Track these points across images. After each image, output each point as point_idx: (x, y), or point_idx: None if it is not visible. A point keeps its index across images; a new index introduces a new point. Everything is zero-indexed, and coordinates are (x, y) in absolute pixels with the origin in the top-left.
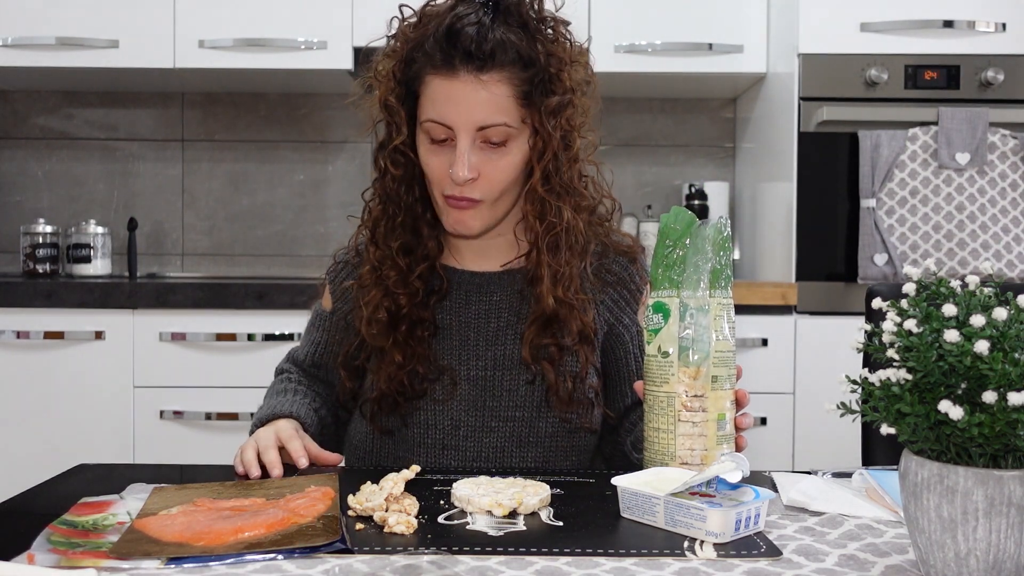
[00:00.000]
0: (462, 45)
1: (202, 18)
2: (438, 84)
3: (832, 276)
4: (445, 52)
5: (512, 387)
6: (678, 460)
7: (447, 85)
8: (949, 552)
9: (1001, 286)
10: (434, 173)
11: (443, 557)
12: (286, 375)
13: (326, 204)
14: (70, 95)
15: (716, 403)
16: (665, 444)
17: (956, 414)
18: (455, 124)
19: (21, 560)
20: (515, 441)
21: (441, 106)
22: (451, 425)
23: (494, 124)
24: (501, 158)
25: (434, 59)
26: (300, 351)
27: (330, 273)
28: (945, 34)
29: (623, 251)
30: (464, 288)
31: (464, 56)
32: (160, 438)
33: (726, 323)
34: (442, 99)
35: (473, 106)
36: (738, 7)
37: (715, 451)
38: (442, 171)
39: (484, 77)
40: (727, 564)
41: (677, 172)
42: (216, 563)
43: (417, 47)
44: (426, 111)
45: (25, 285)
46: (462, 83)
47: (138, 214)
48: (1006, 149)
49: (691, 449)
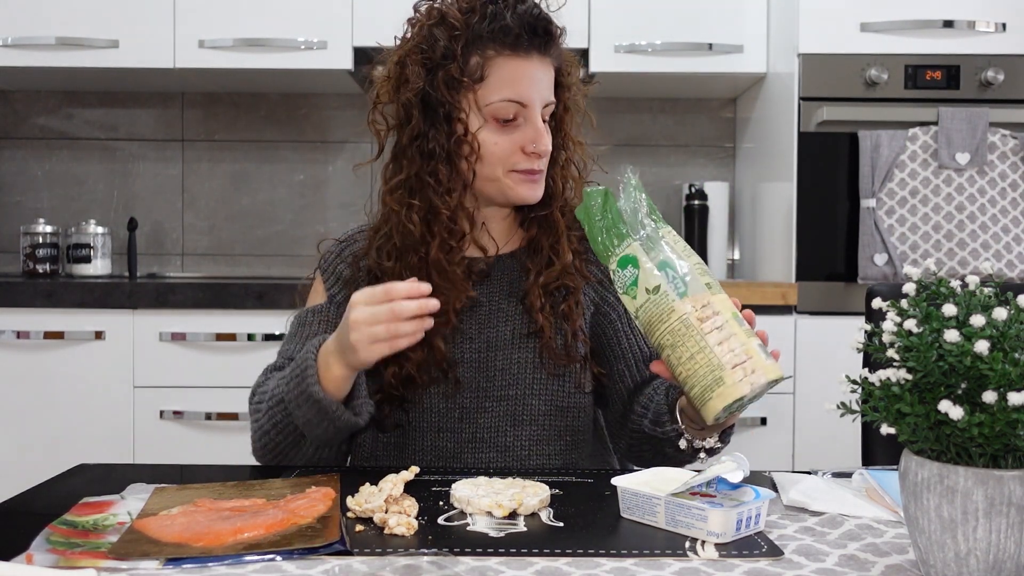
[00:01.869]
0: (541, 28)
1: (202, 18)
2: (516, 65)
3: (832, 276)
4: (523, 34)
5: (504, 366)
6: (729, 367)
7: (524, 65)
8: (949, 552)
9: (1001, 286)
10: (502, 151)
11: (443, 557)
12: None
13: (326, 204)
14: (70, 95)
15: (723, 304)
16: (707, 362)
17: (956, 414)
18: (531, 101)
19: (20, 560)
20: (509, 420)
21: (520, 84)
22: (446, 408)
23: (551, 101)
24: (548, 132)
25: (507, 40)
26: (288, 352)
27: (323, 264)
28: (945, 34)
29: None
30: None
31: (539, 38)
32: (160, 438)
33: (680, 240)
34: (520, 78)
35: (543, 84)
36: (738, 7)
37: (752, 342)
38: (511, 148)
39: (548, 58)
40: (728, 564)
41: (677, 172)
42: (215, 564)
43: (483, 29)
44: (499, 91)
45: (25, 285)
46: (535, 63)
47: (138, 214)
48: (1006, 149)
49: (732, 350)
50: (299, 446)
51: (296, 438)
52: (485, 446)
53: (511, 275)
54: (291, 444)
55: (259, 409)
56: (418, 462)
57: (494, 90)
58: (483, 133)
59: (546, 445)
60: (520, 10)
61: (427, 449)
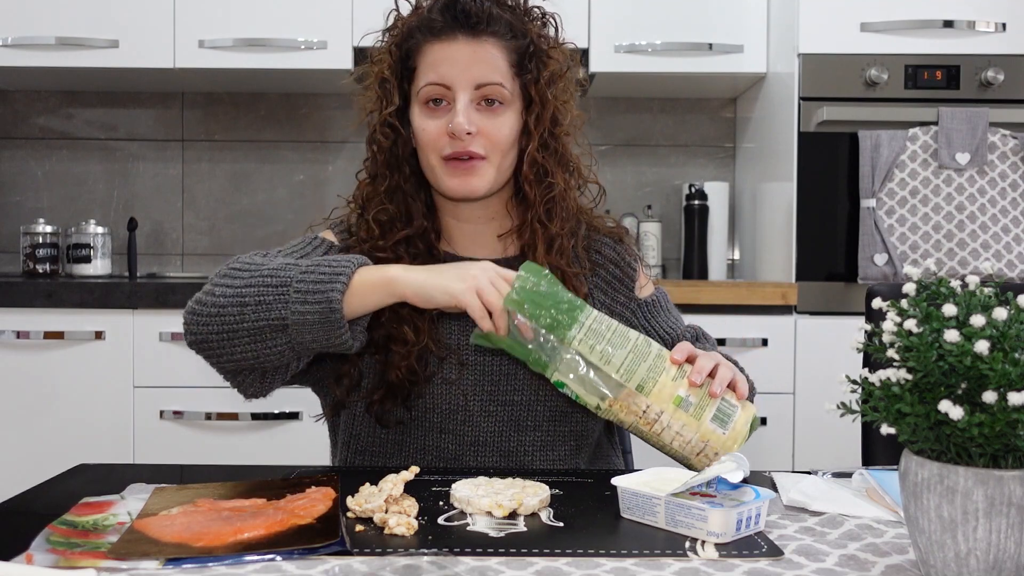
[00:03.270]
0: (461, 10)
1: (202, 18)
2: (437, 49)
3: (832, 276)
4: (444, 19)
5: (510, 371)
6: (693, 456)
7: (446, 47)
8: (949, 552)
9: (1001, 286)
10: (430, 136)
11: (443, 557)
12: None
13: (326, 204)
14: (70, 95)
15: (660, 397)
16: (675, 453)
17: (956, 414)
18: (454, 82)
19: (20, 560)
20: (513, 425)
21: (440, 67)
22: (449, 409)
23: (490, 82)
24: (497, 118)
25: (433, 28)
26: (287, 253)
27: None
28: (945, 34)
29: (609, 233)
30: None
31: (462, 20)
32: (160, 438)
33: (601, 341)
34: (440, 61)
35: (471, 64)
36: (738, 7)
37: (704, 422)
38: (438, 132)
39: (480, 39)
40: (728, 564)
41: (677, 172)
42: (215, 564)
43: (415, 24)
44: (424, 76)
45: (25, 285)
46: (460, 44)
47: (138, 214)
48: (1006, 149)
49: (688, 442)
50: (262, 337)
51: (271, 326)
52: (488, 450)
53: None
54: (256, 330)
55: (235, 276)
56: (419, 462)
57: (423, 75)
58: (416, 120)
59: (550, 451)
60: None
61: (428, 449)
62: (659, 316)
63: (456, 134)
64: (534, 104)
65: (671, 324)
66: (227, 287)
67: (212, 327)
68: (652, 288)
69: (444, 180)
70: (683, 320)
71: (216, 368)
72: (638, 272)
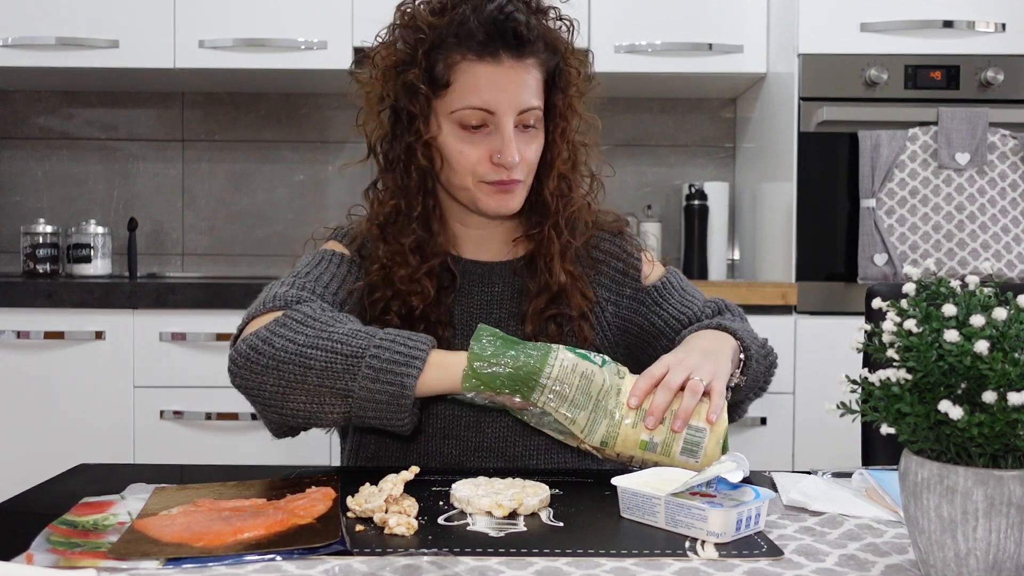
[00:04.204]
0: (509, 31)
1: (202, 18)
2: (480, 70)
3: (832, 276)
4: (488, 38)
5: None
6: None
7: (490, 70)
8: (949, 552)
9: (1001, 286)
10: (469, 161)
11: (443, 557)
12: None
13: (326, 204)
14: (70, 95)
15: (627, 445)
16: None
17: (956, 414)
18: (499, 108)
19: (20, 560)
20: (517, 431)
21: (484, 91)
22: (453, 415)
23: (532, 107)
24: (532, 140)
25: (473, 44)
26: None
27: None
28: (945, 34)
29: (607, 227)
30: (467, 279)
31: (510, 42)
32: (160, 438)
33: (564, 403)
34: (485, 84)
35: (517, 90)
36: (738, 7)
37: (677, 459)
38: (478, 158)
39: (524, 61)
40: (728, 564)
41: (677, 172)
42: (215, 564)
43: (448, 32)
44: (464, 97)
45: (25, 285)
46: (505, 68)
47: (138, 214)
48: (1006, 149)
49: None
50: (320, 400)
51: (334, 393)
52: (492, 455)
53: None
54: (316, 394)
55: (298, 331)
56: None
57: (459, 97)
58: (449, 140)
59: (554, 454)
60: (487, 10)
61: (432, 455)
62: (670, 300)
63: (506, 166)
64: (559, 119)
65: (684, 306)
66: (289, 341)
67: (268, 379)
68: (660, 271)
69: (481, 201)
70: (701, 295)
71: (258, 411)
72: (642, 261)
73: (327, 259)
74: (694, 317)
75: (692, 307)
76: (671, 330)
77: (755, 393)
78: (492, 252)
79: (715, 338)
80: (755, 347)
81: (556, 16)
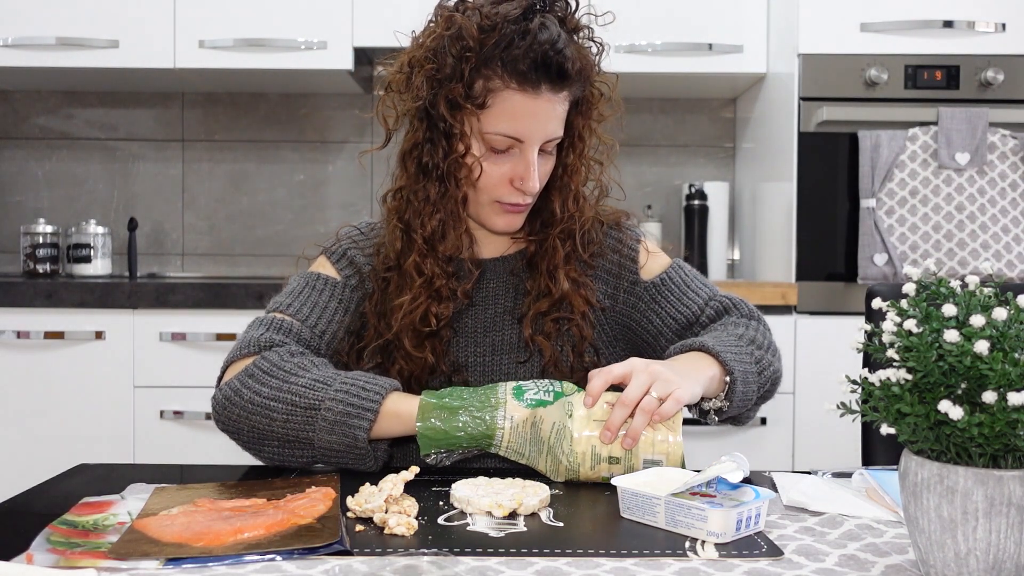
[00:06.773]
0: (555, 66)
1: (202, 18)
2: (520, 101)
3: (832, 276)
4: (533, 69)
5: (510, 371)
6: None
7: (529, 102)
8: (949, 552)
9: (1001, 286)
10: (490, 181)
11: (443, 557)
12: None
13: (326, 204)
14: (70, 95)
15: (591, 477)
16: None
17: (956, 414)
18: (530, 139)
19: (20, 560)
20: None
21: (520, 121)
22: None
23: (557, 137)
24: (548, 162)
25: (514, 74)
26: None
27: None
28: (945, 34)
29: (605, 219)
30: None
31: (553, 77)
32: (160, 438)
33: (522, 456)
34: (522, 115)
35: (548, 122)
36: (738, 7)
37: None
38: (501, 178)
39: (559, 94)
40: (728, 564)
41: (677, 172)
42: (215, 564)
43: (494, 55)
44: (495, 123)
45: (25, 285)
46: (543, 101)
47: (138, 214)
48: (1006, 149)
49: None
50: (289, 446)
51: (299, 441)
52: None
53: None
54: (284, 440)
55: (263, 381)
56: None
57: (494, 121)
58: (475, 157)
59: None
60: (539, 41)
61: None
62: (668, 299)
63: (527, 192)
64: (577, 140)
65: (684, 305)
66: (255, 393)
67: (243, 426)
68: (663, 264)
69: (492, 219)
70: (706, 292)
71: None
72: (638, 252)
73: (311, 286)
74: (693, 318)
75: (692, 307)
76: (669, 330)
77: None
78: (492, 248)
79: (692, 361)
80: (743, 367)
81: (587, 37)
